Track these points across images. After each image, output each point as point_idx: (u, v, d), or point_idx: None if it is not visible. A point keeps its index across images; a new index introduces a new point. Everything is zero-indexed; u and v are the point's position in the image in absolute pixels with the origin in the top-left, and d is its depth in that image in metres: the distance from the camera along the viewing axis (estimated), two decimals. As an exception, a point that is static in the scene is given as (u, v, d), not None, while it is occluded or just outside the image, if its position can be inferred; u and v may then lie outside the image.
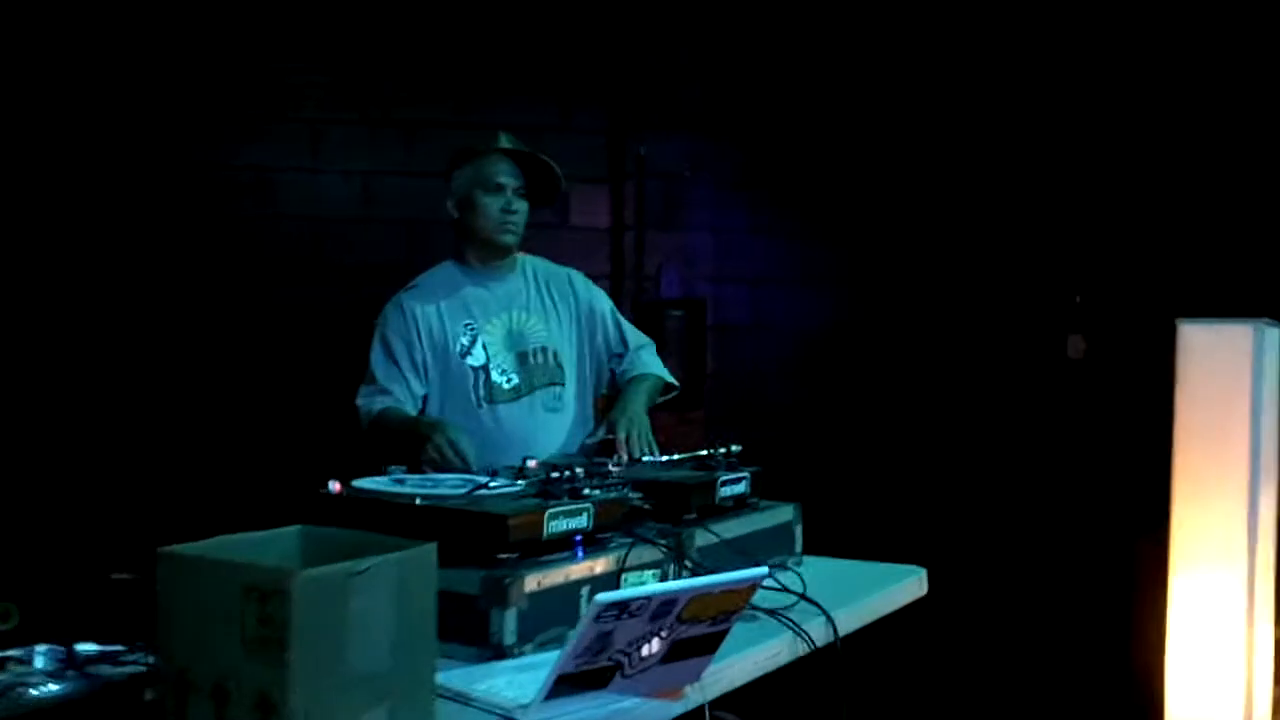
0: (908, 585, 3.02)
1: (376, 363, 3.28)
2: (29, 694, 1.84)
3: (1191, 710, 2.88)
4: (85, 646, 2.06)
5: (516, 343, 3.34)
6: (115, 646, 2.07)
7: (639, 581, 2.47)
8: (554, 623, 2.24)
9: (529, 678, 1.96)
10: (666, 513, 2.72)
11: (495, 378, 3.28)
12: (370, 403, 3.23)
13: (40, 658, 2.01)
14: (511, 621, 2.15)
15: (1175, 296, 4.88)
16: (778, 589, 2.61)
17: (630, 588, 2.38)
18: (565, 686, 1.85)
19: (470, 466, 2.92)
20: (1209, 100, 5.18)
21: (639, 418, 3.21)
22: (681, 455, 3.00)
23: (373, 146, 5.20)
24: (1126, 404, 5.04)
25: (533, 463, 2.91)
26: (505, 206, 3.32)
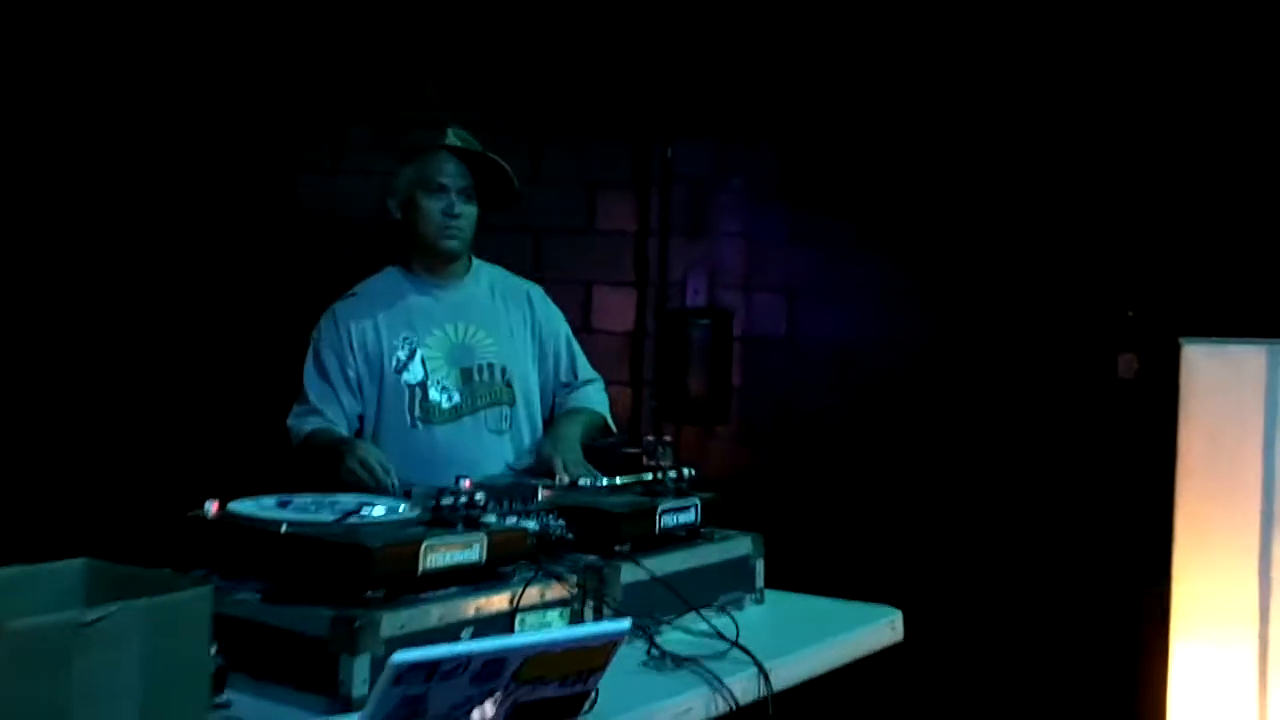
0: (878, 629, 2.71)
1: (309, 380, 3.04)
2: None
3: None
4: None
5: (461, 358, 3.08)
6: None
7: (540, 623, 2.20)
8: (422, 671, 1.98)
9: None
10: (595, 544, 2.46)
11: (434, 396, 3.02)
12: (301, 424, 3.00)
13: None
14: (363, 670, 1.90)
15: (1235, 311, 4.49)
16: (709, 635, 2.34)
17: (515, 633, 2.11)
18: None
19: (387, 487, 2.68)
20: (1269, 111, 4.77)
21: (572, 445, 2.94)
22: (627, 480, 2.73)
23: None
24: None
25: (466, 482, 2.68)
26: (447, 209, 3.04)
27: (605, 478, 2.77)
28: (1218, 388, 2.45)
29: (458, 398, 3.03)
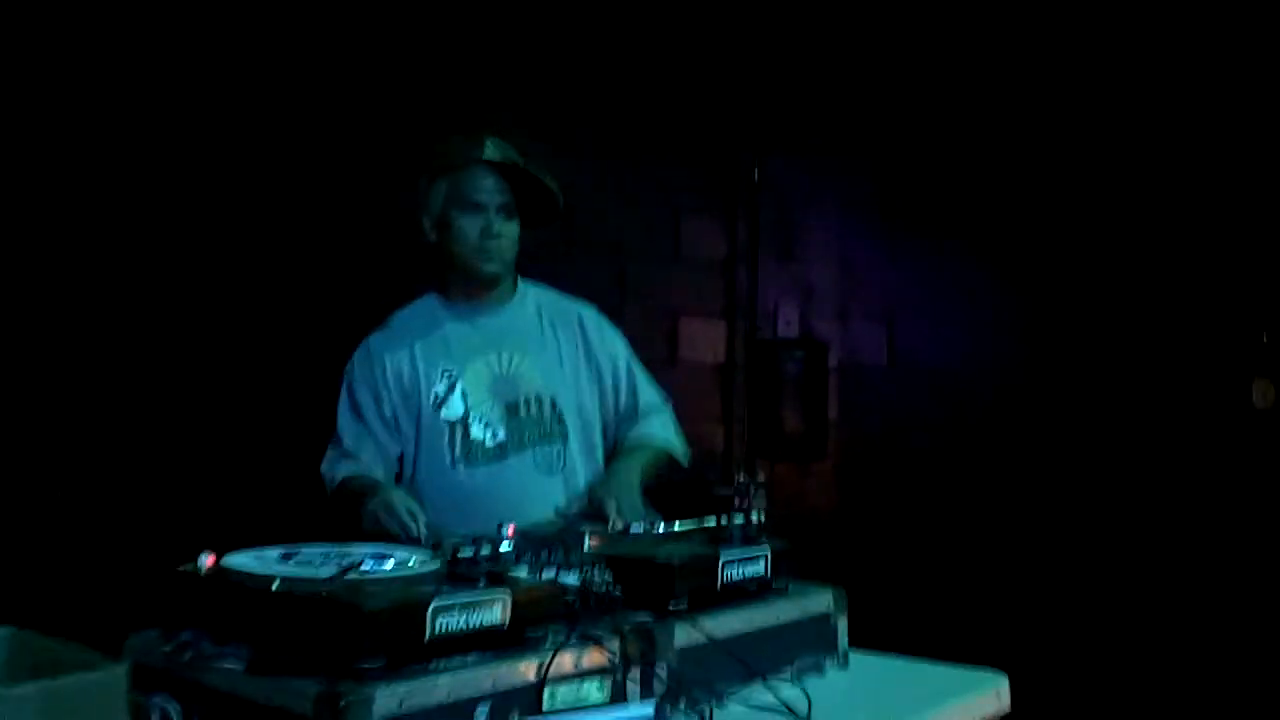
0: (982, 698, 2.35)
1: (342, 420, 2.77)
2: None
3: None
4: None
5: (505, 390, 2.78)
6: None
7: (575, 697, 1.89)
8: (428, 756, 1.69)
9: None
10: (647, 601, 2.14)
11: (476, 433, 2.72)
12: (334, 469, 2.72)
13: None
14: (352, 755, 1.60)
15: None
16: (777, 710, 2.01)
17: (542, 711, 1.80)
18: None
19: (414, 536, 2.39)
20: None
21: (629, 485, 2.62)
22: (687, 525, 2.41)
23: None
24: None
25: (509, 530, 2.39)
26: (485, 229, 2.75)
27: (663, 523, 2.45)
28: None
29: (502, 434, 2.73)
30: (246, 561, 1.94)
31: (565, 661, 1.88)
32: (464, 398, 2.72)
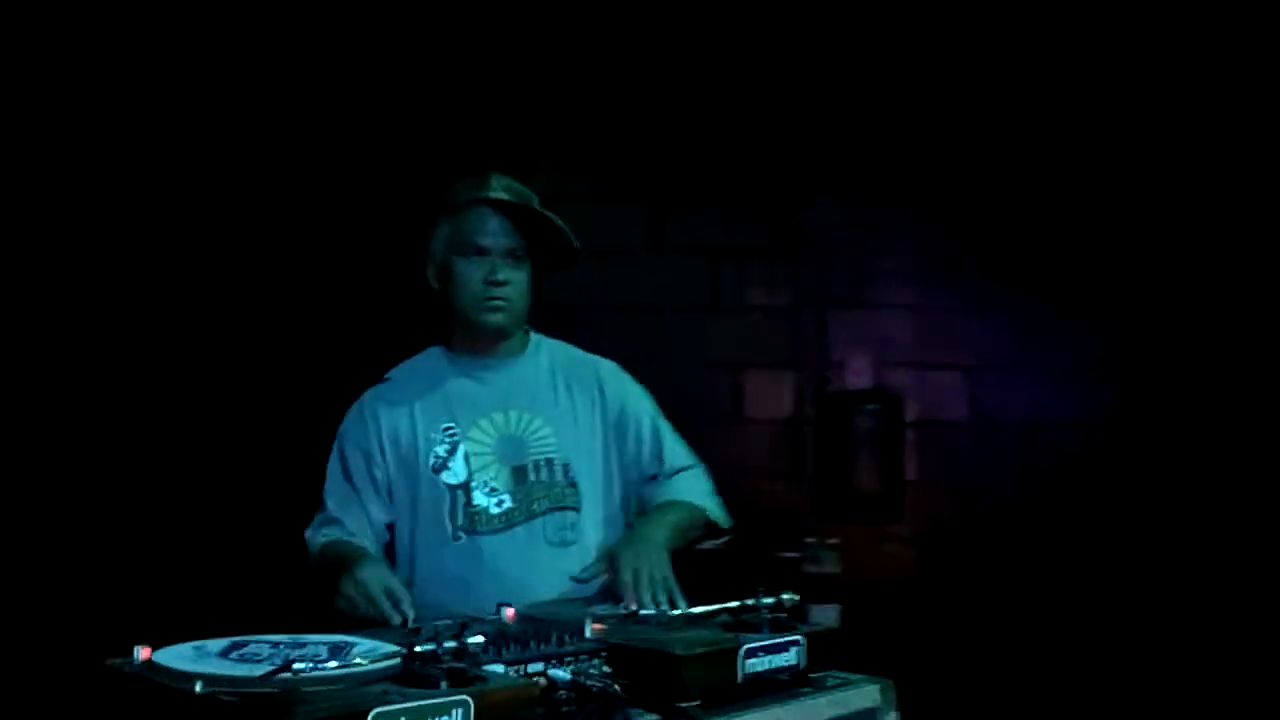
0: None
1: (330, 483, 2.51)
2: None
3: None
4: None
5: (513, 453, 2.49)
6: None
7: (552, 821, 1.59)
8: None
9: None
10: (654, 698, 1.84)
11: (479, 500, 2.43)
12: (316, 535, 2.46)
13: None
14: None
15: None
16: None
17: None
18: None
19: (386, 619, 2.11)
20: None
21: (653, 554, 2.30)
22: (709, 608, 2.09)
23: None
24: None
25: (510, 612, 2.11)
26: (489, 276, 2.47)
27: (682, 602, 2.14)
28: None
29: (509, 502, 2.44)
30: (178, 657, 1.68)
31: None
32: (467, 461, 2.44)
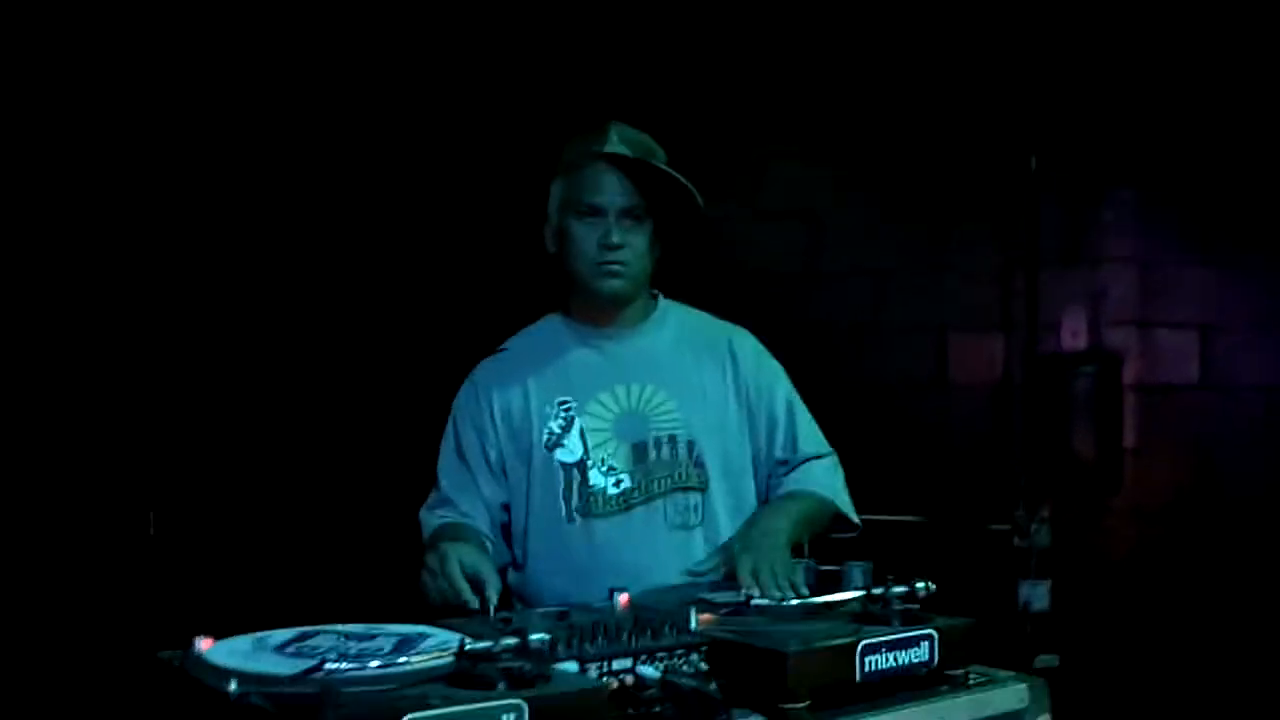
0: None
1: (443, 462, 2.38)
2: None
3: None
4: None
5: (632, 429, 2.30)
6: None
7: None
8: None
9: None
10: (759, 699, 1.67)
11: (595, 479, 2.26)
12: (431, 517, 2.34)
13: None
14: None
15: None
16: None
17: None
18: None
19: (466, 600, 1.97)
20: None
21: (774, 548, 2.09)
22: (834, 598, 1.90)
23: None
24: None
25: (623, 598, 1.96)
26: (604, 239, 2.27)
27: (803, 590, 1.95)
28: None
29: (627, 482, 2.26)
30: (230, 651, 1.59)
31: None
32: (583, 437, 2.28)
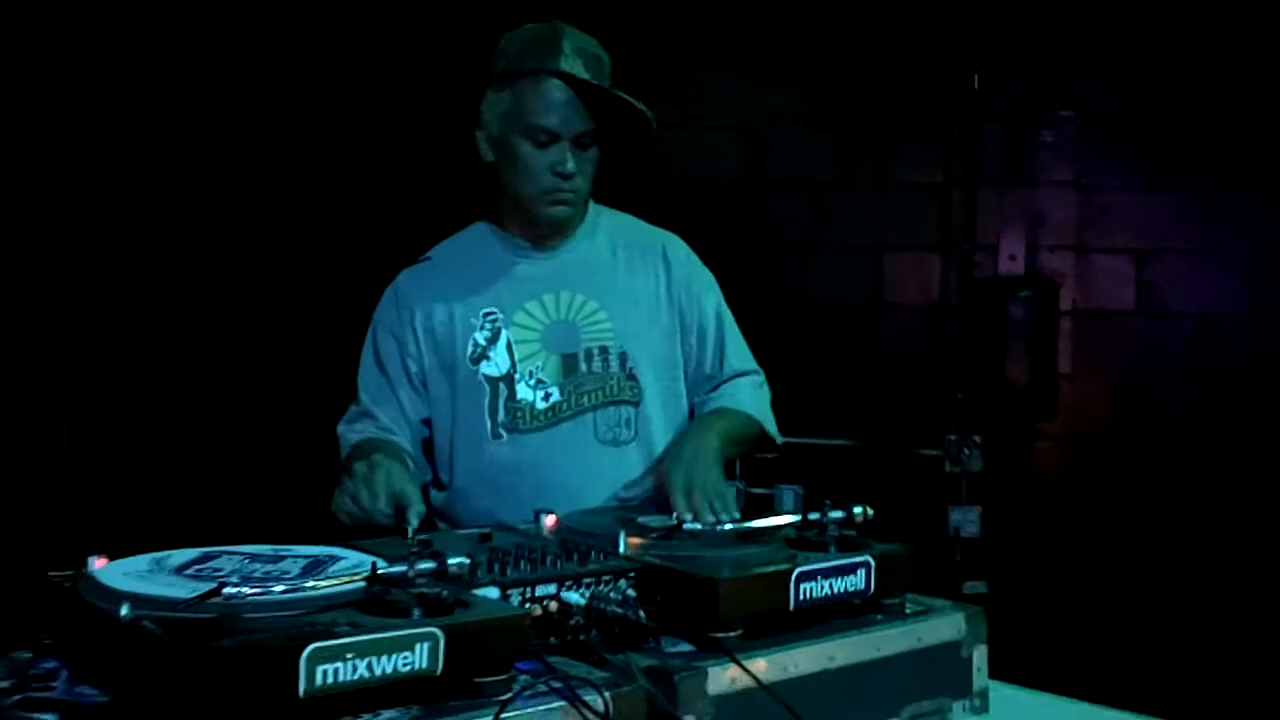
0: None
1: (363, 373, 2.27)
2: None
3: None
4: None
5: (562, 340, 2.21)
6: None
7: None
8: None
9: None
10: (690, 628, 1.60)
11: (523, 393, 2.17)
12: (348, 431, 2.24)
13: None
14: None
15: None
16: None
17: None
18: None
19: (382, 519, 1.87)
20: None
21: (707, 466, 2.01)
22: (768, 522, 1.83)
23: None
24: None
25: (550, 520, 1.88)
26: (558, 166, 2.14)
27: (735, 514, 1.88)
28: None
29: (557, 395, 2.18)
30: (126, 572, 1.49)
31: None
32: (510, 350, 2.18)
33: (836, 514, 1.79)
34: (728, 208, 4.35)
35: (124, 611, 1.33)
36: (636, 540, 1.75)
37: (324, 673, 1.26)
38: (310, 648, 1.25)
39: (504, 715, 1.31)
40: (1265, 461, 3.96)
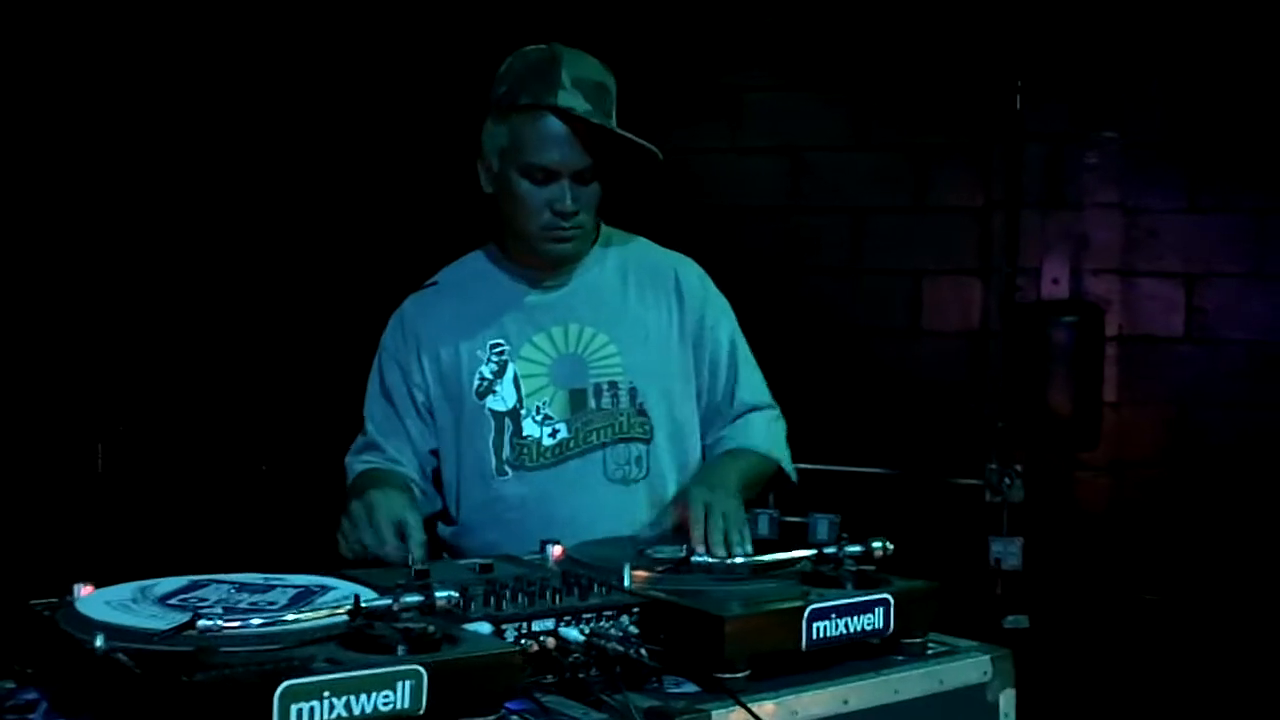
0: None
1: (369, 403, 2.21)
2: None
3: None
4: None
5: (570, 375, 2.13)
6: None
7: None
8: None
9: None
10: (696, 667, 1.53)
11: (530, 429, 2.10)
12: (355, 462, 2.18)
13: None
14: None
15: None
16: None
17: None
18: None
19: (386, 554, 1.81)
20: None
21: (727, 496, 1.92)
22: (783, 556, 1.75)
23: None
24: None
25: (556, 551, 1.81)
26: (557, 204, 2.05)
27: (748, 547, 1.79)
28: None
29: (564, 432, 2.11)
30: (105, 601, 1.44)
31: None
32: (517, 384, 2.10)
33: (854, 548, 1.70)
34: (767, 230, 4.30)
35: (99, 643, 1.28)
36: (642, 574, 1.68)
37: (299, 711, 1.20)
38: (284, 685, 1.19)
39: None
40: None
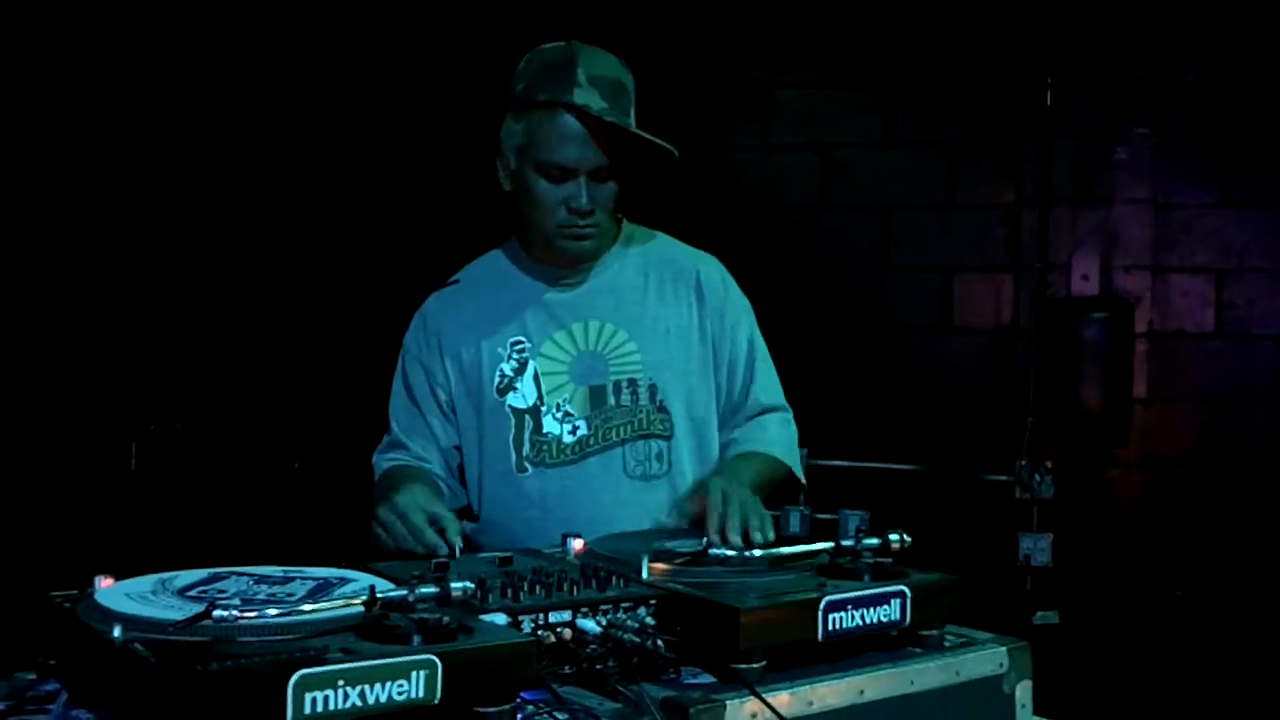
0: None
1: (394, 403, 2.22)
2: None
3: None
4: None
5: (591, 372, 2.14)
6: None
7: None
8: None
9: None
10: (711, 658, 1.54)
11: (550, 426, 2.11)
12: (381, 460, 2.20)
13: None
14: None
15: None
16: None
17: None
18: None
19: (434, 546, 1.82)
20: None
21: (744, 487, 1.92)
22: (800, 549, 1.75)
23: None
24: None
25: (577, 544, 1.82)
26: (573, 203, 2.05)
27: (769, 536, 1.80)
28: None
29: (584, 429, 2.12)
30: (125, 593, 1.46)
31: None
32: (537, 381, 2.11)
33: (871, 541, 1.71)
34: (798, 227, 4.30)
35: (116, 634, 1.30)
36: (660, 566, 1.68)
37: (313, 700, 1.21)
38: (298, 674, 1.21)
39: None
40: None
